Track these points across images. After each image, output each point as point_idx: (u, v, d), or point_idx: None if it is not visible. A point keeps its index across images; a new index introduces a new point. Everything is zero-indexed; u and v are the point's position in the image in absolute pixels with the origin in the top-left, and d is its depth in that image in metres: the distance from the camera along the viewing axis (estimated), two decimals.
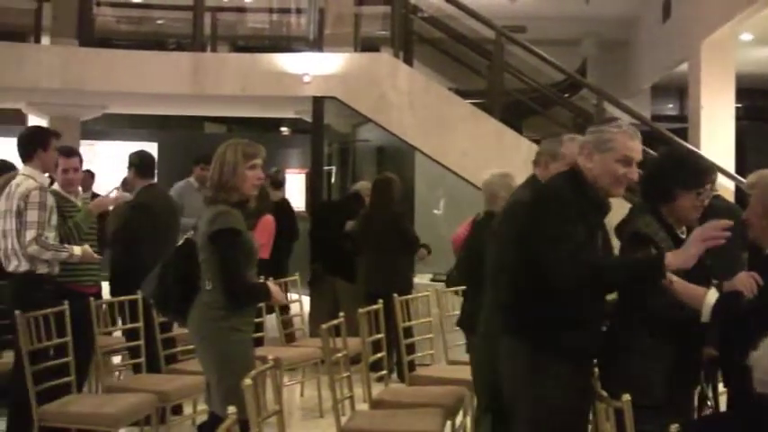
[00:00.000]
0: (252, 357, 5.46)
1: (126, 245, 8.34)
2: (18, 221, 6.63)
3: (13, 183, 6.80)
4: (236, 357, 5.25)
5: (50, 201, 6.72)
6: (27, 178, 6.76)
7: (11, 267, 6.72)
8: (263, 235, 9.69)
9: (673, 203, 4.62)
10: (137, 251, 8.01)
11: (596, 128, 4.60)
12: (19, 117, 17.38)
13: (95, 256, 7.09)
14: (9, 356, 7.10)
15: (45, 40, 15.01)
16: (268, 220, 10.15)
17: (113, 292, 8.28)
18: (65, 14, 14.36)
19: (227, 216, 5.36)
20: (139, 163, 8.70)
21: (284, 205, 11.43)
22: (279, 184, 11.52)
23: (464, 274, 6.96)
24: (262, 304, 7.76)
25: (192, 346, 7.80)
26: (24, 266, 6.65)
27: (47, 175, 7.02)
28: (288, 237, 11.05)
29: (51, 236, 6.69)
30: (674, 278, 4.22)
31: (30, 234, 6.57)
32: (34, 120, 16.86)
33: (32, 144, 6.86)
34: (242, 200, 5.50)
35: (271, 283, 5.93)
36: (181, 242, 5.70)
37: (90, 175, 11.96)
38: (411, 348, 7.66)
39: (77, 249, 6.86)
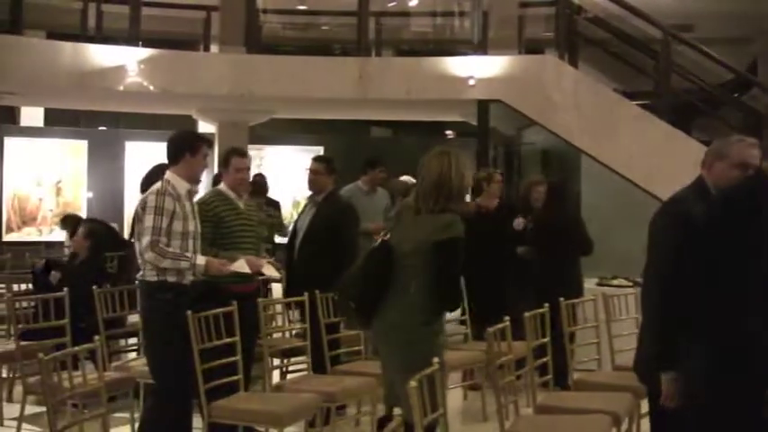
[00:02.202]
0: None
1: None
2: (139, 225, 6.29)
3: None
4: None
5: (170, 205, 6.21)
6: (160, 182, 6.36)
7: (140, 274, 6.33)
8: None
9: None
10: (320, 254, 8.09)
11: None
12: (189, 123, 17.89)
13: (223, 268, 6.50)
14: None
15: (214, 49, 15.40)
16: None
17: (288, 293, 8.38)
18: (232, 23, 14.71)
19: (460, 225, 5.44)
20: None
21: None
22: None
23: None
24: None
25: (358, 347, 7.93)
26: (150, 275, 6.23)
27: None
28: None
29: (176, 243, 6.21)
30: None
31: (144, 240, 6.16)
32: (204, 126, 17.35)
33: (181, 147, 6.44)
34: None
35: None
36: (376, 244, 5.68)
37: (263, 179, 12.18)
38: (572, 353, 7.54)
39: (201, 259, 6.35)
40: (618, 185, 12.23)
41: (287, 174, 16.89)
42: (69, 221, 12.13)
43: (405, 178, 13.54)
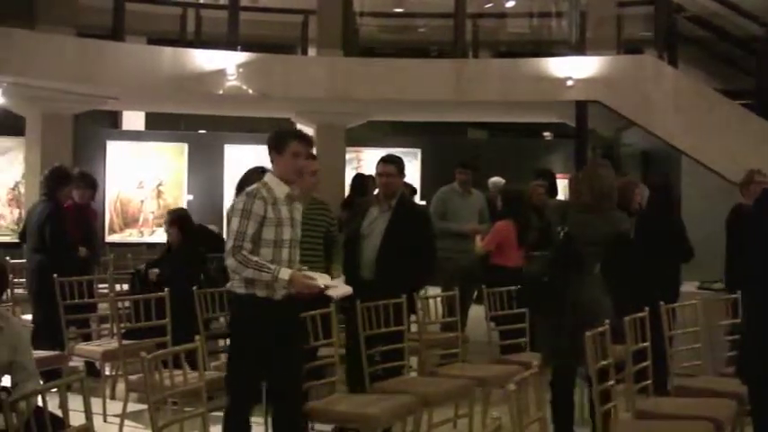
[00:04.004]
0: None
1: None
2: (227, 230, 5.88)
3: None
4: None
5: (261, 209, 5.71)
6: (259, 185, 5.91)
7: (229, 283, 5.89)
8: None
9: None
10: (402, 261, 8.09)
11: None
12: (288, 126, 18.04)
13: (311, 283, 5.83)
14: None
15: (311, 52, 15.51)
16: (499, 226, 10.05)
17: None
18: (330, 26, 14.80)
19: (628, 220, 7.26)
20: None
21: None
22: None
23: None
24: None
25: (455, 350, 7.92)
26: (239, 286, 5.80)
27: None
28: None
29: (266, 252, 5.72)
30: None
31: (228, 245, 5.71)
32: (302, 129, 17.48)
33: (269, 147, 5.99)
34: None
35: None
36: (562, 238, 6.87)
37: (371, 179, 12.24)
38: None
39: (285, 273, 5.68)
40: (720, 187, 12.01)
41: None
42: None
43: (495, 179, 13.55)
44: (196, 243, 9.29)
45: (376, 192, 7.91)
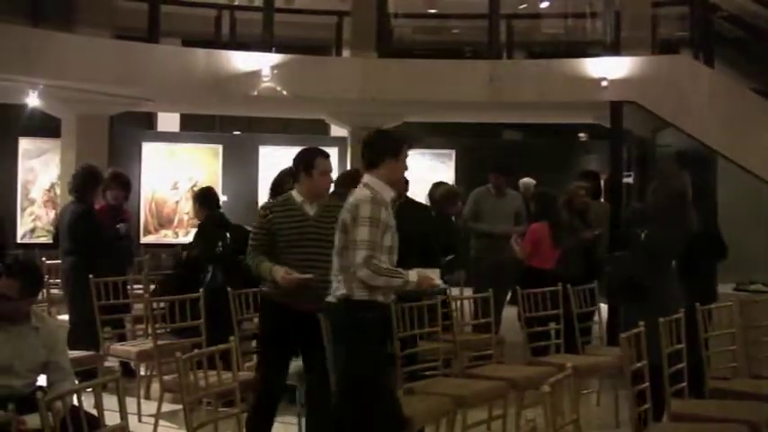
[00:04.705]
0: None
1: None
2: (345, 238, 5.76)
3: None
4: None
5: (384, 216, 5.71)
6: (363, 188, 5.84)
7: (339, 293, 5.79)
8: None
9: None
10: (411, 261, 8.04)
11: None
12: (322, 127, 18.09)
13: (435, 282, 6.02)
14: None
15: (345, 53, 15.54)
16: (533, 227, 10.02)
17: None
18: (364, 27, 14.81)
19: None
20: None
21: None
22: None
23: None
24: None
25: (489, 351, 7.91)
26: (360, 294, 5.74)
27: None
28: None
29: (383, 259, 5.71)
30: None
31: (359, 255, 5.62)
32: (336, 130, 17.53)
33: (379, 150, 5.92)
34: None
35: None
36: (643, 238, 7.30)
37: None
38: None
39: (413, 275, 5.81)
40: (756, 187, 11.94)
41: (418, 177, 16.90)
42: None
43: (525, 180, 13.53)
44: (216, 220, 9.19)
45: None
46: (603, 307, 9.97)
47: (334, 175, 7.09)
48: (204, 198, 9.27)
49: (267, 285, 6.44)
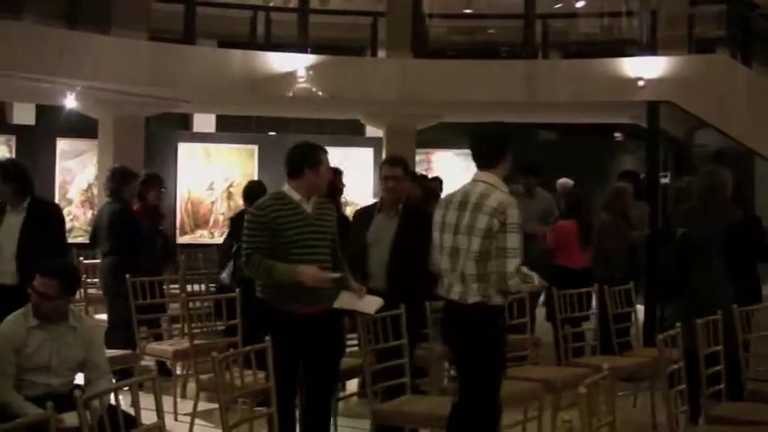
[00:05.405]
0: None
1: None
2: (487, 243, 5.48)
3: (473, 191, 5.68)
4: None
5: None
6: (491, 188, 5.63)
7: (452, 294, 5.67)
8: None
9: None
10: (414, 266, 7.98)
11: None
12: (358, 128, 18.10)
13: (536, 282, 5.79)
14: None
15: (381, 54, 15.54)
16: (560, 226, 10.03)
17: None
18: (399, 28, 14.82)
19: None
20: None
21: None
22: None
23: None
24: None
25: (525, 352, 7.88)
26: (498, 300, 5.63)
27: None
28: None
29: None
30: None
31: (512, 264, 5.45)
32: (371, 130, 17.53)
33: (497, 149, 5.85)
34: None
35: None
36: (679, 238, 7.45)
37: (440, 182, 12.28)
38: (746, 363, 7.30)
39: (537, 278, 5.64)
40: None
41: (454, 177, 16.86)
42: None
43: (562, 181, 13.47)
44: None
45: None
46: (640, 308, 9.90)
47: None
48: (248, 192, 9.42)
49: (266, 291, 6.04)
